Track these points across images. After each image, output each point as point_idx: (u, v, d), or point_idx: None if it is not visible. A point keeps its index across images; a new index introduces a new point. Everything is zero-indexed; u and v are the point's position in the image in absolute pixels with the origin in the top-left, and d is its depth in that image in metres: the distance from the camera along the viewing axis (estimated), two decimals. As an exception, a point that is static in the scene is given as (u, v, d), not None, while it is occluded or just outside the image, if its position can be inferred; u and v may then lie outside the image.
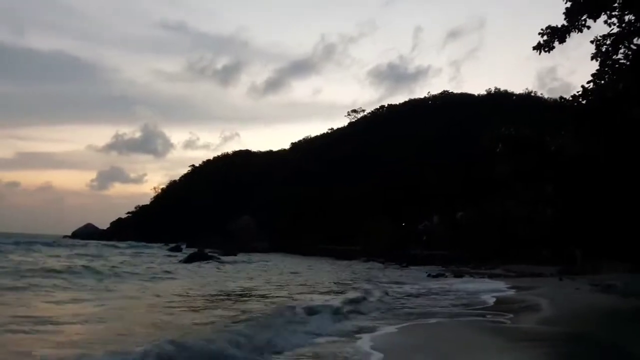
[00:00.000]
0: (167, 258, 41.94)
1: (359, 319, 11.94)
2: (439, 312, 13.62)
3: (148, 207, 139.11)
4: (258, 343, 7.91)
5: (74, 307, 12.03)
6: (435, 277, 33.31)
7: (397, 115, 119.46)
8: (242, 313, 11.47)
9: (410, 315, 12.86)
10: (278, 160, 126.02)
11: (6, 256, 27.33)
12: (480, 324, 11.39)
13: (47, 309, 11.27)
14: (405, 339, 9.31)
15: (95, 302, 12.68)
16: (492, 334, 9.76)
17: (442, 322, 11.60)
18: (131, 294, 15.18)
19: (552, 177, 13.87)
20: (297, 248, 75.23)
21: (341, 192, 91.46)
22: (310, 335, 9.24)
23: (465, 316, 12.98)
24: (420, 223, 70.84)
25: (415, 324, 11.28)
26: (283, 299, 15.37)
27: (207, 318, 10.76)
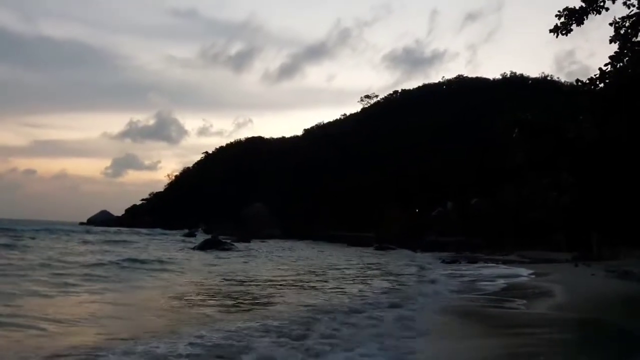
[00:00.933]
0: (181, 244, 42.47)
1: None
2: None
3: (162, 194, 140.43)
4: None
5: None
6: (449, 263, 33.29)
7: (410, 101, 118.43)
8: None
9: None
10: (290, 147, 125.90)
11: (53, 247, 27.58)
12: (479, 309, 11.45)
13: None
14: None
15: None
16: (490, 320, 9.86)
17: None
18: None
19: (568, 163, 13.68)
20: (309, 235, 75.49)
21: (354, 179, 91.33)
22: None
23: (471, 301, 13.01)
24: (434, 210, 70.51)
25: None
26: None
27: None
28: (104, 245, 32.86)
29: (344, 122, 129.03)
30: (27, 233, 38.83)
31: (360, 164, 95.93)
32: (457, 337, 8.17)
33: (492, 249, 45.18)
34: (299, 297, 12.86)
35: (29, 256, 20.97)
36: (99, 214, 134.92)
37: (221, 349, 6.93)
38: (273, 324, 8.61)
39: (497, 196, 54.76)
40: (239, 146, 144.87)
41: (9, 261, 18.22)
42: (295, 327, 8.34)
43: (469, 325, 9.35)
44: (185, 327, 8.29)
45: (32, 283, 13.22)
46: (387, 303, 11.65)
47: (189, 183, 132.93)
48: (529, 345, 7.24)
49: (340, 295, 13.47)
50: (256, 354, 6.56)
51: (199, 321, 8.98)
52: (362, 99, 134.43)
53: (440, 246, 50.89)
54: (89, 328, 8.48)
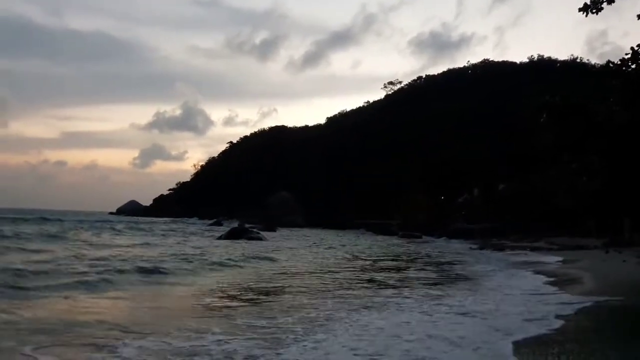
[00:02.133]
0: (210, 233, 43.15)
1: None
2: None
3: (188, 183, 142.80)
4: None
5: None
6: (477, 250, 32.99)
7: (435, 87, 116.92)
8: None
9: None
10: (314, 136, 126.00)
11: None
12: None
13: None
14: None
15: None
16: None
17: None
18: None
19: (599, 146, 13.35)
20: (333, 223, 75.65)
21: (377, 166, 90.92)
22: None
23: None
24: (460, 196, 69.73)
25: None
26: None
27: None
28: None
29: (367, 110, 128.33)
30: (69, 224, 39.91)
31: (384, 152, 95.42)
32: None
33: (520, 235, 44.48)
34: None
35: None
36: (127, 203, 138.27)
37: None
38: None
39: (525, 182, 53.79)
40: (263, 135, 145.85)
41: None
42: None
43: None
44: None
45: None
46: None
47: (214, 173, 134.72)
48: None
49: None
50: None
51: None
52: (385, 86, 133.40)
53: (466, 233, 50.38)
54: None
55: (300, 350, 6.05)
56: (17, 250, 18.51)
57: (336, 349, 6.16)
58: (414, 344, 6.35)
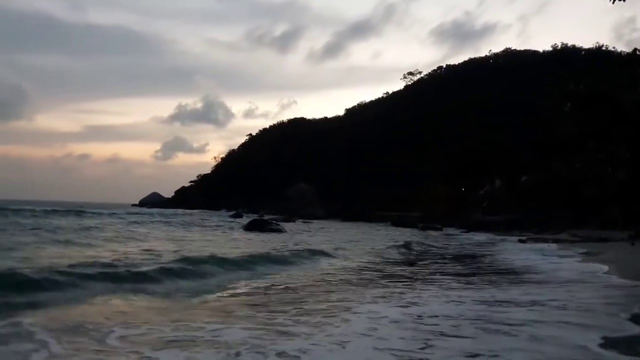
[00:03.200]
0: (232, 224, 43.52)
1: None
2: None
3: (209, 175, 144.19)
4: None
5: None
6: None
7: (456, 76, 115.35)
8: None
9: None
10: (333, 127, 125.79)
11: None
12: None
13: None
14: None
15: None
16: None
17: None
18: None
19: (625, 135, 13.02)
20: (353, 215, 75.49)
21: (397, 158, 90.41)
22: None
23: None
24: (481, 187, 68.97)
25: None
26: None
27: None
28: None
29: (386, 101, 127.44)
30: (111, 218, 40.07)
31: (404, 143, 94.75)
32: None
33: (542, 227, 43.84)
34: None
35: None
36: (149, 195, 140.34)
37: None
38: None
39: (547, 173, 52.88)
40: (282, 127, 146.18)
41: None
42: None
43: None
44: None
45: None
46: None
47: (234, 165, 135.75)
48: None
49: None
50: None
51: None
52: (405, 76, 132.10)
53: (487, 225, 49.85)
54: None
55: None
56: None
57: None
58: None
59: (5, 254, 13.13)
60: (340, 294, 9.54)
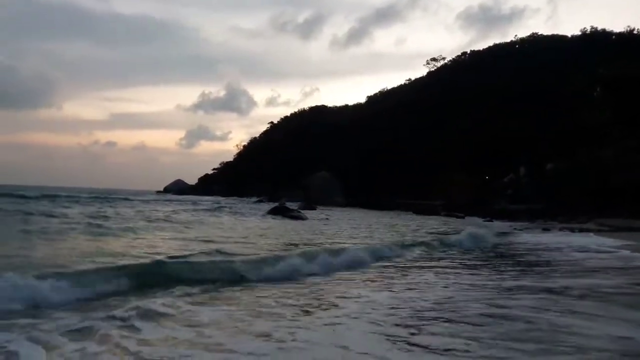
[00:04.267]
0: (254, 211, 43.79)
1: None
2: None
3: (231, 163, 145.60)
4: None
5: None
6: (521, 231, 31.99)
7: (480, 62, 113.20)
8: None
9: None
10: (354, 114, 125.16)
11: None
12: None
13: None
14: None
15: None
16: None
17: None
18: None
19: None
20: (374, 203, 75.11)
21: (418, 145, 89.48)
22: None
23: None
24: (505, 176, 67.82)
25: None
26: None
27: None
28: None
29: (408, 88, 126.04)
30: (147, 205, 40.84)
31: (426, 130, 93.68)
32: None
33: (568, 216, 42.89)
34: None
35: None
36: (174, 183, 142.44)
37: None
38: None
39: (574, 160, 51.61)
40: (303, 115, 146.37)
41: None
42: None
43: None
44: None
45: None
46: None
47: (256, 152, 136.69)
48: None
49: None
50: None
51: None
52: (428, 62, 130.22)
53: (511, 214, 49.01)
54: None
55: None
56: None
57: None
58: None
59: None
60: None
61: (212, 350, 5.09)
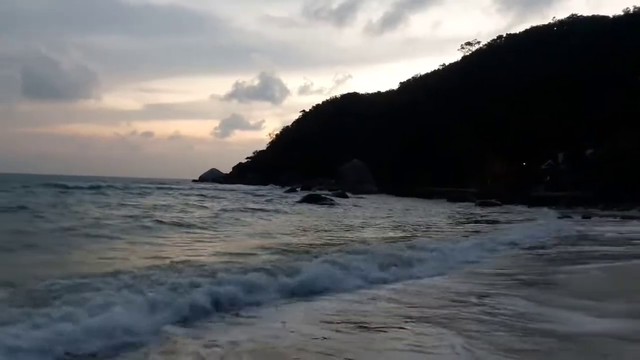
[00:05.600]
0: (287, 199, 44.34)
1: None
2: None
3: (264, 152, 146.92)
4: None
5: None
6: (562, 219, 31.38)
7: (516, 46, 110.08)
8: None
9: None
10: (386, 101, 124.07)
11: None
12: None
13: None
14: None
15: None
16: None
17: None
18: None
19: None
20: (406, 190, 74.64)
21: (452, 132, 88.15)
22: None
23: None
24: (543, 162, 66.26)
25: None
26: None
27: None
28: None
29: (442, 73, 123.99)
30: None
31: (459, 116, 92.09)
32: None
33: (609, 203, 41.74)
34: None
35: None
36: (208, 172, 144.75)
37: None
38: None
39: (615, 146, 49.98)
40: (335, 103, 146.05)
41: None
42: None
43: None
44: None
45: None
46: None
47: (288, 141, 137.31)
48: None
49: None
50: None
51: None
52: (462, 47, 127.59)
53: (549, 201, 47.97)
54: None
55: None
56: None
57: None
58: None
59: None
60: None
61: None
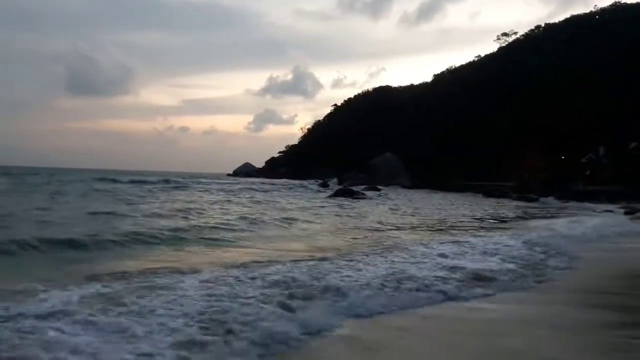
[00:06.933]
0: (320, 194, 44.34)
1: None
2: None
3: (296, 146, 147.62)
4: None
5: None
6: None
7: (555, 36, 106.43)
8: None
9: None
10: (419, 94, 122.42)
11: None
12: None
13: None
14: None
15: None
16: None
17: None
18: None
19: None
20: (440, 184, 73.47)
21: (487, 125, 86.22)
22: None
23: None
24: (583, 156, 63.99)
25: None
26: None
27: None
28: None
29: (477, 65, 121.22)
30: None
31: (495, 109, 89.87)
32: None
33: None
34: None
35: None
36: (242, 166, 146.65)
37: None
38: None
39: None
40: (367, 96, 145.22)
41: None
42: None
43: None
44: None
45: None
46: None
47: (320, 135, 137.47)
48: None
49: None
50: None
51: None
52: (498, 38, 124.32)
53: (590, 196, 46.34)
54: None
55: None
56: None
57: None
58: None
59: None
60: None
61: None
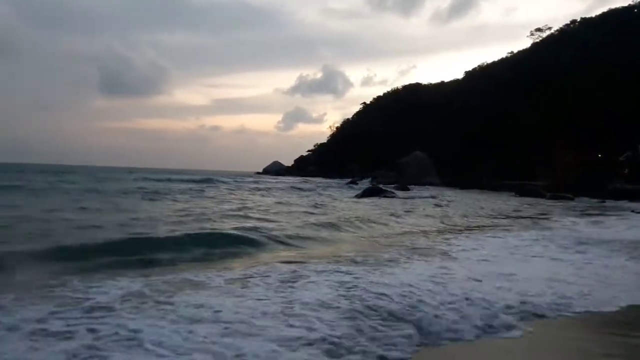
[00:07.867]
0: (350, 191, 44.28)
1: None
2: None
3: (325, 144, 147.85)
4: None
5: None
6: None
7: (592, 31, 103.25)
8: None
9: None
10: (450, 91, 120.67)
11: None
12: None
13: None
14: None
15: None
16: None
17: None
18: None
19: None
20: (471, 183, 72.33)
21: (520, 122, 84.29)
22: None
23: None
24: (621, 154, 61.93)
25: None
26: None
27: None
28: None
29: (510, 61, 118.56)
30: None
31: (528, 106, 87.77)
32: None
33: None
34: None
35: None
36: (272, 164, 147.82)
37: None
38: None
39: None
40: (396, 94, 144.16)
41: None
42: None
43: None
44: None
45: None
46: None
47: (349, 133, 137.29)
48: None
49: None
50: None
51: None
52: (532, 33, 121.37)
53: (628, 195, 44.88)
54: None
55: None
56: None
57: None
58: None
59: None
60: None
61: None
